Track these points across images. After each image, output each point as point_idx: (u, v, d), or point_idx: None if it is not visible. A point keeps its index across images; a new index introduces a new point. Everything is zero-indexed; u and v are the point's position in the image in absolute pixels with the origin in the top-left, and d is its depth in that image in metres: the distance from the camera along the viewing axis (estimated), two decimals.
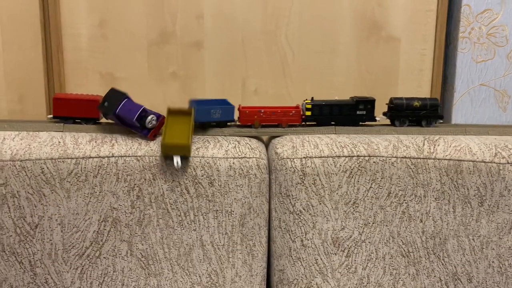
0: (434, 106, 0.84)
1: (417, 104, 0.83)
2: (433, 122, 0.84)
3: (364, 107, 0.82)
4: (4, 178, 0.69)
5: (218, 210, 0.73)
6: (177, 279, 0.75)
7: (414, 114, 0.84)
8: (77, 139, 0.73)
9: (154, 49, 0.94)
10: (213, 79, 0.96)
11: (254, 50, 0.95)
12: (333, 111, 0.82)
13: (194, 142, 0.74)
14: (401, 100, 0.83)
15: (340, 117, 0.82)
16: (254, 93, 0.96)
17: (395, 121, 0.84)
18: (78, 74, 0.94)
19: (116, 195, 0.71)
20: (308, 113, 0.82)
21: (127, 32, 0.93)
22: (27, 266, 0.72)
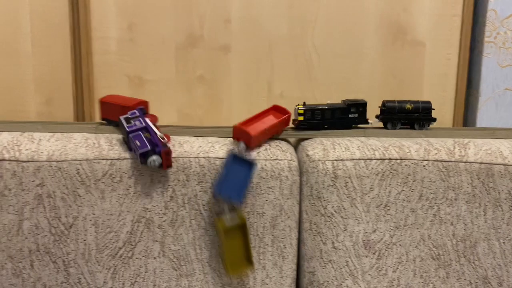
0: (426, 109, 0.84)
1: (409, 107, 0.83)
2: (425, 125, 0.84)
3: (356, 110, 0.82)
4: (41, 178, 0.70)
5: (249, 211, 0.73)
6: (208, 280, 0.74)
7: (407, 117, 0.83)
8: (111, 141, 0.73)
9: (181, 52, 0.94)
10: (239, 83, 0.96)
11: (280, 54, 0.95)
12: (325, 115, 0.81)
13: (226, 144, 0.75)
14: (394, 103, 0.83)
15: (333, 121, 0.82)
16: (279, 97, 0.96)
17: (387, 124, 0.84)
18: (106, 77, 0.95)
19: (150, 196, 0.71)
20: (300, 118, 0.81)
21: (155, 36, 0.93)
22: (60, 266, 0.72)
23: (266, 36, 0.94)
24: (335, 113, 0.82)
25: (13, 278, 0.72)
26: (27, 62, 0.96)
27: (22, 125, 0.78)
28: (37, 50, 0.95)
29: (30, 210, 0.70)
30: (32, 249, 0.71)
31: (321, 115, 0.81)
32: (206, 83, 0.96)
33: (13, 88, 0.96)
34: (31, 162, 0.69)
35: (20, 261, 0.71)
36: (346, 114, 0.82)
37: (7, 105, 0.97)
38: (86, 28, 0.93)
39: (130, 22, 0.93)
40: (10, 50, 0.95)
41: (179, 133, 0.79)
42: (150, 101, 0.94)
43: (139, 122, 0.71)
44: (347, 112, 0.82)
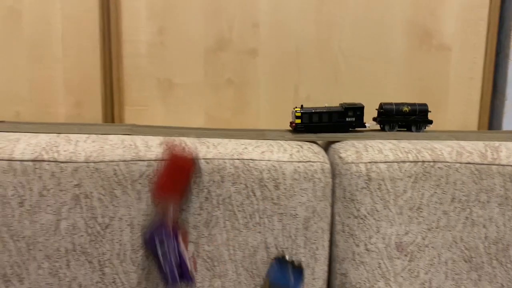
0: (423, 111, 0.84)
1: (406, 109, 0.83)
2: (422, 127, 0.84)
3: (353, 114, 0.82)
4: (78, 179, 0.70)
5: (282, 213, 0.73)
6: (241, 280, 0.74)
7: (404, 119, 0.83)
8: (147, 142, 0.73)
9: (210, 56, 0.95)
10: (267, 86, 0.96)
11: (307, 57, 0.95)
12: (323, 118, 0.81)
13: (258, 146, 0.75)
14: (391, 106, 0.83)
15: (330, 124, 0.82)
16: (306, 100, 0.96)
17: (385, 127, 0.84)
18: (136, 80, 0.95)
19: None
20: (297, 121, 0.81)
21: (185, 39, 0.94)
22: (96, 266, 0.73)
23: (293, 39, 0.95)
24: (332, 117, 0.82)
25: (49, 277, 0.72)
26: (58, 65, 0.97)
27: (57, 126, 0.79)
28: (68, 54, 0.96)
29: (68, 210, 0.71)
30: (68, 249, 0.72)
31: (318, 118, 0.81)
32: (234, 86, 0.96)
33: (44, 90, 0.97)
34: (69, 163, 0.70)
35: (56, 260, 0.72)
36: (344, 117, 0.82)
37: (37, 107, 0.98)
38: (117, 32, 0.93)
39: (160, 25, 0.93)
40: (41, 54, 0.96)
41: (209, 135, 0.79)
42: (179, 104, 0.96)
43: (173, 247, 0.68)
44: (345, 115, 0.82)
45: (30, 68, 0.97)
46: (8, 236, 0.71)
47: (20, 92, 0.97)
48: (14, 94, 0.97)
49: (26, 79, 0.97)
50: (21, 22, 0.95)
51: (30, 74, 0.97)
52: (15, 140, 0.72)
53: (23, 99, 0.98)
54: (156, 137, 0.76)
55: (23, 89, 0.97)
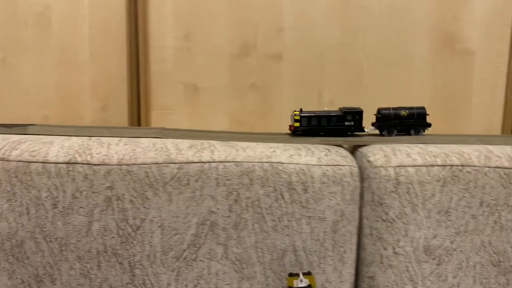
0: (421, 115, 0.83)
1: (404, 113, 0.82)
2: (421, 130, 0.84)
3: (352, 118, 0.82)
4: (111, 181, 0.71)
5: (311, 216, 0.73)
6: (269, 283, 0.75)
7: (402, 124, 0.83)
8: (177, 145, 0.74)
9: (235, 61, 0.95)
10: (290, 90, 0.97)
11: (331, 61, 0.96)
12: (321, 122, 0.81)
13: (286, 149, 0.75)
14: (389, 110, 0.83)
15: (329, 128, 0.82)
16: (329, 104, 0.96)
17: (383, 131, 0.84)
18: (162, 84, 0.96)
19: (215, 199, 0.72)
20: (296, 124, 0.81)
21: (210, 45, 0.95)
22: (126, 267, 0.73)
23: (317, 44, 0.95)
24: (331, 121, 0.82)
25: (80, 278, 0.73)
26: (85, 70, 0.98)
27: (88, 129, 0.80)
28: (95, 58, 0.98)
29: (100, 212, 0.71)
30: (100, 250, 0.72)
31: (317, 122, 0.81)
32: (258, 91, 0.97)
33: (71, 94, 0.99)
34: (102, 165, 0.71)
35: (88, 261, 0.73)
36: (342, 121, 0.82)
37: (65, 111, 0.99)
38: (144, 37, 0.95)
39: (186, 31, 0.94)
40: (69, 58, 0.98)
41: (236, 139, 0.80)
42: (204, 108, 0.96)
43: None
44: (343, 119, 0.82)
45: (58, 72, 0.98)
46: (41, 237, 0.72)
47: (48, 96, 0.99)
48: (42, 98, 0.99)
49: (54, 83, 0.98)
50: (50, 28, 0.96)
51: (58, 79, 0.98)
52: (48, 143, 0.73)
53: (51, 103, 0.99)
54: (185, 140, 0.77)
55: (51, 93, 0.99)
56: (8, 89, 0.98)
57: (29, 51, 0.97)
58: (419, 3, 0.94)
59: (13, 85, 0.98)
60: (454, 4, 0.94)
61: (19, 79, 0.98)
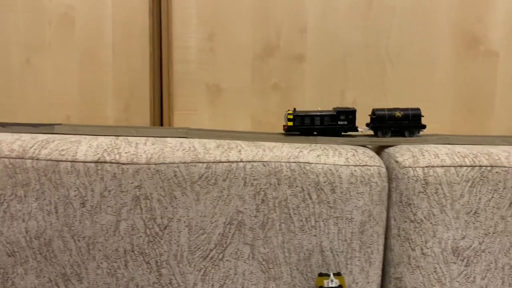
0: (416, 116, 0.82)
1: (398, 114, 0.81)
2: (415, 132, 0.83)
3: (345, 118, 0.81)
4: (139, 180, 0.71)
5: (338, 216, 0.73)
6: (295, 283, 0.74)
7: (396, 125, 0.82)
8: (205, 145, 0.74)
9: (258, 61, 0.95)
10: (313, 91, 0.96)
11: (354, 62, 0.95)
12: (315, 121, 0.81)
13: (313, 149, 0.75)
14: (383, 111, 0.82)
15: (322, 127, 0.81)
16: (352, 104, 0.96)
17: (377, 132, 0.83)
18: (185, 85, 0.96)
19: (243, 199, 0.72)
20: (290, 123, 0.81)
21: (233, 45, 0.95)
22: (153, 267, 0.73)
23: (340, 45, 0.95)
24: (324, 120, 0.81)
25: (107, 277, 0.73)
26: (108, 70, 0.98)
27: (114, 129, 0.80)
28: (117, 59, 0.98)
29: (128, 211, 0.71)
30: (127, 250, 0.72)
31: (310, 122, 0.81)
32: (280, 91, 0.96)
33: (93, 94, 0.99)
34: (131, 164, 0.71)
35: (115, 260, 0.72)
36: (336, 121, 0.81)
37: (86, 111, 0.99)
38: (167, 38, 0.95)
39: (210, 32, 0.94)
40: (92, 59, 0.98)
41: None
42: (226, 109, 0.96)
43: None
44: (337, 119, 0.81)
45: (81, 73, 0.98)
46: (69, 236, 0.72)
47: (70, 96, 0.99)
48: (65, 98, 0.99)
49: (77, 83, 0.99)
50: (74, 29, 0.97)
51: (81, 79, 0.98)
52: (77, 142, 0.73)
53: (74, 103, 0.99)
54: (212, 140, 0.76)
55: (74, 94, 0.99)
56: (31, 89, 0.98)
57: (53, 52, 0.97)
58: (442, 4, 0.93)
59: (36, 85, 0.98)
60: (478, 5, 0.93)
61: (42, 79, 0.98)
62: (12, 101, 0.98)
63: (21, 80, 0.98)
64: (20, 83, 0.98)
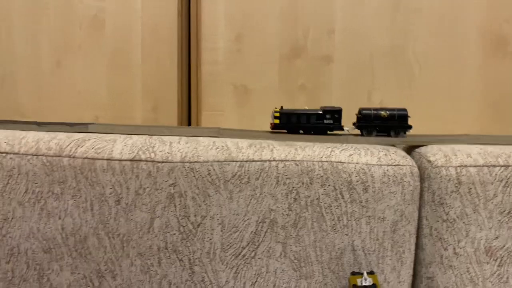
0: (402, 116, 0.82)
1: (384, 114, 0.81)
2: (401, 132, 0.82)
3: (331, 117, 0.82)
4: (174, 178, 0.72)
5: (370, 216, 0.73)
6: (327, 282, 0.74)
7: (382, 125, 0.82)
8: (237, 144, 0.74)
9: (285, 62, 0.96)
10: (340, 92, 0.97)
11: (381, 63, 0.95)
12: (301, 119, 0.81)
13: (345, 149, 0.75)
14: (369, 111, 0.82)
15: (308, 125, 0.82)
16: (379, 105, 0.96)
17: (363, 131, 0.83)
18: (213, 86, 0.97)
19: (275, 198, 0.72)
20: (276, 121, 0.82)
21: (261, 46, 0.95)
22: (186, 264, 0.74)
23: (368, 46, 0.95)
24: (310, 119, 0.82)
25: (141, 274, 0.74)
26: (137, 72, 0.99)
27: (148, 128, 0.81)
28: (146, 61, 0.99)
29: (162, 209, 0.72)
30: (160, 247, 0.73)
31: (296, 120, 0.82)
32: (307, 92, 0.97)
33: (123, 95, 1.00)
34: (166, 162, 0.71)
35: (149, 258, 0.73)
36: (321, 120, 0.82)
37: (115, 112, 1.01)
38: (196, 39, 0.96)
39: (238, 33, 0.95)
40: (122, 61, 0.99)
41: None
42: (253, 109, 0.97)
43: None
44: (322, 118, 0.82)
45: (110, 74, 1.00)
46: (104, 233, 0.73)
47: (100, 97, 1.00)
48: (94, 99, 1.00)
49: (106, 85, 1.00)
50: (104, 31, 0.98)
51: (110, 80, 1.00)
52: (112, 140, 0.74)
53: (102, 104, 1.01)
54: (244, 140, 0.77)
55: (103, 95, 1.00)
56: (62, 90, 1.00)
57: (83, 54, 0.99)
58: (469, 6, 0.93)
59: (66, 86, 1.00)
60: (505, 6, 0.93)
61: (73, 80, 1.00)
62: (43, 102, 1.00)
63: (52, 81, 1.00)
64: (51, 84, 1.00)
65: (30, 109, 1.00)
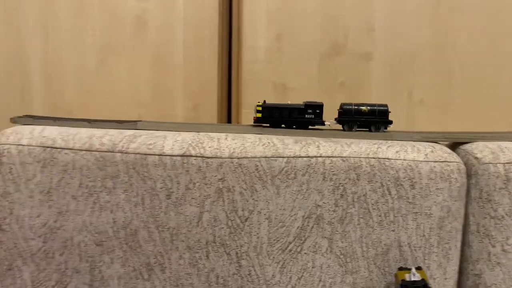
0: (382, 112, 0.82)
1: (365, 109, 0.81)
2: (381, 127, 0.82)
3: (312, 111, 0.82)
4: (222, 173, 0.73)
5: (417, 212, 0.73)
6: (372, 278, 0.74)
7: (363, 119, 0.82)
8: (283, 140, 0.75)
9: (325, 60, 0.96)
10: (379, 90, 0.97)
11: (422, 61, 0.95)
12: (283, 114, 0.82)
13: (391, 145, 0.75)
14: (350, 106, 0.82)
15: (290, 120, 0.82)
16: (419, 104, 0.96)
17: (344, 126, 0.83)
18: (253, 84, 0.98)
19: (322, 193, 0.73)
20: (258, 114, 0.82)
21: (301, 45, 0.96)
22: (233, 258, 0.75)
23: (408, 44, 0.95)
24: (292, 113, 0.82)
25: (189, 267, 0.75)
26: (178, 71, 1.01)
27: (195, 125, 0.82)
28: (188, 60, 1.01)
29: (211, 203, 0.73)
30: (209, 241, 0.74)
31: (279, 114, 0.82)
32: (346, 90, 0.97)
33: (164, 94, 1.02)
34: (215, 158, 0.73)
35: (197, 251, 0.74)
36: (303, 114, 0.82)
37: (157, 110, 1.03)
38: (237, 39, 0.97)
39: (278, 32, 0.96)
40: (163, 60, 1.01)
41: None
42: None
43: None
44: (304, 112, 0.82)
45: (153, 73, 1.02)
46: (154, 227, 0.74)
47: (142, 95, 1.02)
48: (137, 98, 1.03)
49: (148, 83, 1.02)
50: (147, 31, 1.00)
51: (152, 79, 1.02)
52: (162, 136, 0.75)
53: (145, 102, 1.02)
54: (290, 136, 0.78)
55: (145, 93, 1.02)
56: (106, 89, 1.02)
57: (126, 53, 1.01)
58: (511, 3, 0.92)
59: (110, 85, 1.02)
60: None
61: (116, 79, 1.02)
62: (87, 100, 1.03)
63: (96, 79, 1.02)
64: (95, 83, 1.02)
65: (76, 107, 1.03)
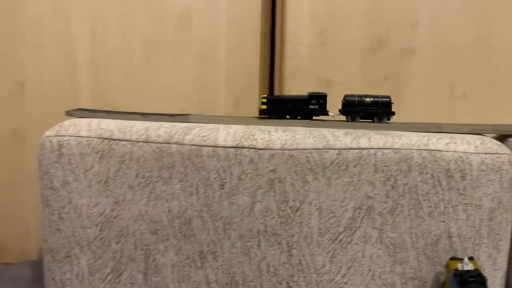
0: (385, 103, 0.82)
1: (368, 101, 0.82)
2: (384, 118, 0.83)
3: (316, 102, 0.82)
4: (274, 165, 0.74)
5: (468, 203, 0.73)
6: (421, 268, 0.75)
7: (366, 111, 0.83)
8: (333, 133, 0.77)
9: (368, 55, 0.97)
10: (422, 84, 0.97)
11: (465, 56, 0.95)
12: (287, 105, 0.83)
13: (441, 138, 0.75)
14: (353, 97, 0.83)
15: (294, 111, 0.83)
16: (462, 97, 0.96)
17: (347, 117, 0.84)
18: (296, 79, 0.99)
19: (373, 185, 0.74)
20: (263, 106, 0.83)
21: (344, 40, 0.97)
22: (284, 247, 0.76)
23: (451, 39, 0.95)
24: (296, 104, 0.83)
25: (241, 256, 0.77)
26: (221, 67, 1.03)
27: (245, 119, 0.84)
28: (230, 57, 1.02)
29: (262, 193, 0.75)
30: (260, 230, 0.76)
31: (283, 105, 0.83)
32: (389, 84, 0.98)
33: (207, 89, 1.04)
34: (267, 150, 0.74)
35: (249, 240, 0.76)
36: (307, 105, 0.83)
37: (200, 105, 1.05)
38: (281, 35, 0.98)
39: (321, 28, 0.97)
40: (206, 56, 1.03)
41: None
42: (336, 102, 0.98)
43: None
44: (308, 103, 0.83)
45: (196, 69, 1.04)
46: (207, 216, 0.76)
47: (186, 90, 1.05)
48: (181, 92, 1.05)
49: (192, 79, 1.04)
50: (191, 27, 1.02)
51: (196, 75, 1.04)
52: (215, 129, 0.77)
53: (188, 97, 1.05)
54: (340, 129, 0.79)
55: (189, 88, 1.04)
56: (151, 84, 1.05)
57: (171, 49, 1.03)
58: None
59: (155, 80, 1.05)
60: None
61: (161, 74, 1.04)
62: (133, 94, 1.05)
63: (142, 75, 1.04)
64: (141, 78, 1.05)
65: (122, 101, 1.05)
